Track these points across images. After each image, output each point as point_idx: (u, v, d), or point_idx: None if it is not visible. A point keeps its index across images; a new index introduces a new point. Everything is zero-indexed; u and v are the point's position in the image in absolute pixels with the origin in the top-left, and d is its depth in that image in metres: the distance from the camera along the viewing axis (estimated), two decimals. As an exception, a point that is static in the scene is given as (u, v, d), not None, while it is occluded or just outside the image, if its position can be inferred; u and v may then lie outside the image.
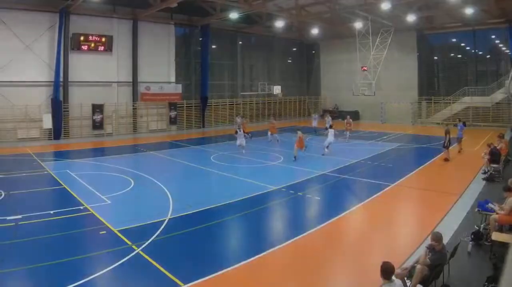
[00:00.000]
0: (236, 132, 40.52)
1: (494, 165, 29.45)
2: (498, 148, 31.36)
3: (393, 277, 10.99)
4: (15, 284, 14.44)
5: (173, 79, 64.01)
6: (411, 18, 56.75)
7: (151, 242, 17.61)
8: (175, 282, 14.06)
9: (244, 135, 42.00)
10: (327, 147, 39.38)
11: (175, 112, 63.60)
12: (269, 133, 48.45)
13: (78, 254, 16.43)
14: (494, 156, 29.74)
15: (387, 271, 10.81)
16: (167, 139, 51.59)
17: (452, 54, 72.84)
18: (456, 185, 27.85)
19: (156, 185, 27.95)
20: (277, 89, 70.97)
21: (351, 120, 51.87)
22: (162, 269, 15.03)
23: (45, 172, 32.28)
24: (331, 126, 41.64)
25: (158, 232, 18.83)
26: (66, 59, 52.23)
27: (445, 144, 36.52)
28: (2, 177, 28.40)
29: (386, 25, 60.89)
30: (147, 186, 27.90)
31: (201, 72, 67.26)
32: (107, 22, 56.39)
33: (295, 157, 36.75)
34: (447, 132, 35.99)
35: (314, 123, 57.93)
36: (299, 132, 38.41)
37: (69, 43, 52.63)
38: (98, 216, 21.09)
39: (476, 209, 19.01)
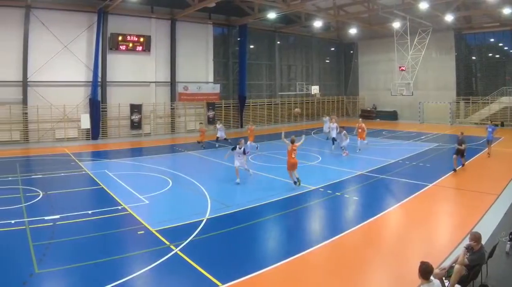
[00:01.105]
0: (234, 148, 28.96)
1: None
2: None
3: (432, 277, 10.66)
4: (54, 284, 14.33)
5: (211, 79, 63.90)
6: (449, 18, 56.29)
7: (189, 242, 17.50)
8: (214, 282, 13.87)
9: (247, 149, 36.07)
10: (344, 148, 39.10)
11: (213, 112, 63.42)
12: (248, 142, 41.23)
13: (116, 254, 16.39)
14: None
15: (426, 271, 10.51)
16: (206, 139, 51.37)
17: (490, 54, 71.24)
18: (495, 185, 27.14)
19: (194, 184, 27.65)
20: (315, 89, 70.85)
21: (364, 125, 42.20)
22: (200, 269, 14.86)
23: (83, 172, 32.24)
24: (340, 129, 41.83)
25: (196, 232, 18.70)
26: (104, 59, 52.46)
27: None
28: (40, 176, 28.36)
29: (424, 25, 60.00)
30: (185, 186, 27.69)
31: (239, 72, 67.16)
32: (145, 22, 56.46)
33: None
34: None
35: (326, 128, 50.22)
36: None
37: (107, 43, 52.86)
38: (136, 216, 21.06)
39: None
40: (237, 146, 28.48)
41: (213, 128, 51.06)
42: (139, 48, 55.50)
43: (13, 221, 19.71)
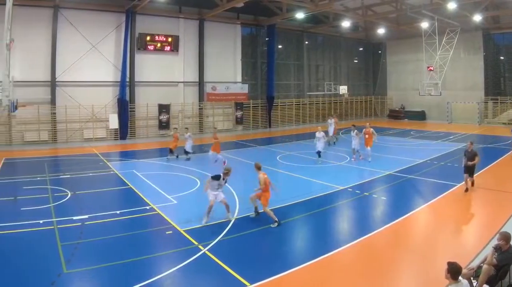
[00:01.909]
0: (218, 178, 21.51)
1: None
2: None
3: (460, 278, 10.51)
4: (82, 284, 14.33)
5: (239, 79, 63.94)
6: (477, 18, 55.78)
7: (217, 242, 17.48)
8: (242, 282, 13.84)
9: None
10: (358, 151, 37.28)
11: (241, 112, 63.47)
12: (210, 152, 36.49)
13: (144, 254, 16.36)
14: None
15: (455, 271, 10.42)
16: (233, 139, 51.23)
17: (519, 54, 70.49)
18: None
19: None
20: (343, 89, 70.78)
21: (371, 130, 36.87)
22: (228, 269, 14.83)
23: (111, 172, 32.23)
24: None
25: (224, 232, 18.72)
26: (132, 59, 52.62)
27: None
28: (69, 176, 28.36)
29: (452, 25, 59.45)
30: (212, 187, 27.34)
31: (267, 72, 67.02)
32: (173, 22, 56.54)
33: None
34: None
35: (331, 131, 46.41)
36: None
37: (135, 43, 53.03)
38: (164, 216, 21.11)
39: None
40: (222, 175, 21.37)
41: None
42: (167, 48, 55.54)
43: (41, 221, 19.71)
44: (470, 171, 25.58)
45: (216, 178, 21.04)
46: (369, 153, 35.85)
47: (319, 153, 35.60)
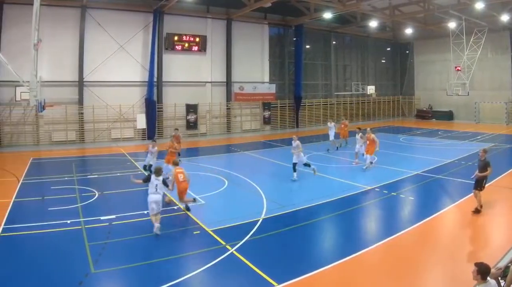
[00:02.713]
0: (148, 179, 19.79)
1: None
2: None
3: (488, 278, 10.23)
4: (109, 284, 14.49)
5: (267, 79, 63.72)
6: (504, 18, 55.17)
7: (245, 242, 17.47)
8: (269, 282, 13.84)
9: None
10: (363, 155, 34.81)
11: (269, 112, 63.34)
12: (164, 164, 29.20)
13: (172, 254, 16.44)
14: None
15: (484, 271, 10.18)
16: (260, 139, 51.27)
17: (547, 54, 69.66)
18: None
19: (250, 185, 27.44)
20: (370, 89, 70.81)
21: (373, 136, 32.90)
22: (256, 269, 14.84)
23: (139, 172, 32.05)
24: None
25: (252, 232, 18.67)
26: (160, 59, 52.66)
27: None
28: (96, 176, 28.34)
29: (479, 24, 59.07)
30: (240, 186, 27.56)
31: (294, 72, 66.80)
32: (201, 22, 56.49)
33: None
34: None
35: (331, 135, 42.67)
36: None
37: (163, 43, 53.06)
38: (192, 216, 21.13)
39: None
40: (152, 175, 19.61)
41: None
42: (195, 48, 55.46)
43: (69, 221, 19.78)
44: (478, 184, 21.63)
45: (147, 180, 19.66)
46: (367, 160, 32.83)
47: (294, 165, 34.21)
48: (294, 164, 29.42)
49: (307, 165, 29.82)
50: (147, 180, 19.57)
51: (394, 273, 14.89)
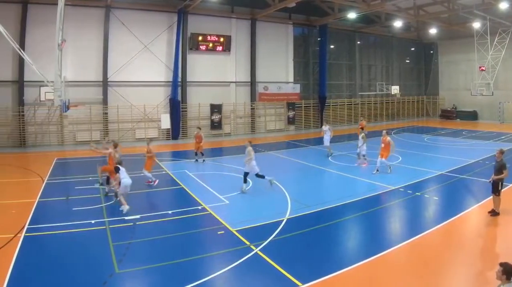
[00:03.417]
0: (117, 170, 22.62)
1: None
2: None
3: None
4: (133, 284, 14.59)
5: (291, 79, 63.65)
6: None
7: (269, 242, 17.51)
8: (294, 282, 13.86)
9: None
10: (364, 156, 34.32)
11: (293, 112, 63.29)
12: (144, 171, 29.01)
13: (196, 254, 16.47)
14: None
15: (509, 271, 10.21)
16: (285, 139, 51.34)
17: None
18: None
19: (274, 184, 27.36)
20: (395, 89, 70.78)
21: (388, 139, 31.58)
22: (280, 269, 14.88)
23: (163, 172, 32.29)
24: None
25: (276, 232, 18.68)
26: (184, 59, 52.77)
27: None
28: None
29: (504, 24, 58.71)
30: (265, 186, 27.35)
31: (319, 72, 66.61)
32: (225, 22, 56.60)
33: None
34: None
35: (326, 139, 39.65)
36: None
37: (187, 43, 53.08)
38: (216, 216, 21.14)
39: None
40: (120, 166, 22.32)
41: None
42: (219, 48, 55.56)
43: (93, 221, 19.90)
44: (495, 187, 21.07)
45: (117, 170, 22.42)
46: (382, 164, 31.23)
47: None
48: (245, 174, 26.81)
49: (260, 176, 26.78)
50: (117, 170, 22.21)
51: (418, 273, 14.85)
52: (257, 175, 26.69)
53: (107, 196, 24.68)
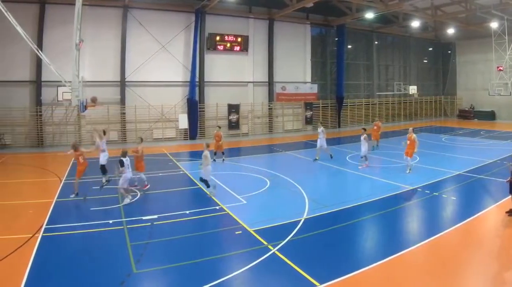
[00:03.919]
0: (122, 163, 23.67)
1: None
2: None
3: None
4: (151, 284, 14.57)
5: (308, 79, 63.45)
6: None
7: (287, 242, 17.41)
8: (312, 282, 13.75)
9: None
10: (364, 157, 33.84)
11: (311, 112, 63.25)
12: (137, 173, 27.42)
13: (213, 254, 16.41)
14: None
15: None
16: (302, 139, 51.24)
17: None
18: None
19: (292, 184, 27.40)
20: (412, 89, 70.55)
21: (414, 135, 31.48)
22: (298, 269, 14.78)
23: (181, 172, 32.30)
24: None
25: (294, 232, 18.58)
26: (202, 59, 52.86)
27: None
28: (139, 177, 28.22)
29: (522, 25, 58.53)
30: (282, 186, 27.39)
31: (336, 72, 66.55)
32: (243, 22, 56.65)
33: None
34: None
35: (320, 143, 36.90)
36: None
37: (205, 43, 53.17)
38: (234, 216, 21.06)
39: None
40: (124, 159, 23.63)
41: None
42: (237, 48, 55.61)
43: (111, 221, 19.93)
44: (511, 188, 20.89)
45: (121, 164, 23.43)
46: (409, 162, 31.24)
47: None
48: (201, 179, 25.63)
49: (204, 181, 25.28)
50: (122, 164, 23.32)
51: (436, 273, 14.70)
52: (202, 179, 25.45)
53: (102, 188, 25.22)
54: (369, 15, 55.68)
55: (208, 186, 25.21)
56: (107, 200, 23.83)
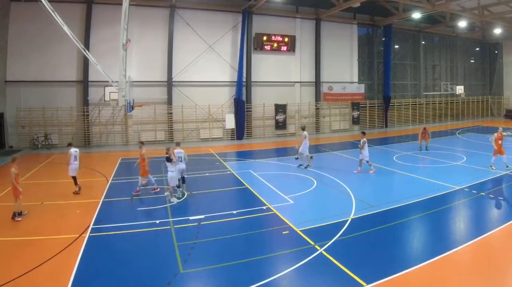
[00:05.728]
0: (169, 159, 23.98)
1: None
2: None
3: None
4: (198, 284, 14.52)
5: (355, 79, 63.10)
6: None
7: (333, 242, 17.34)
8: (358, 282, 13.70)
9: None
10: (368, 162, 32.18)
11: (358, 112, 62.94)
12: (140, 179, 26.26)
13: (260, 254, 16.40)
14: None
15: None
16: (349, 139, 50.92)
17: None
18: None
19: (339, 184, 27.28)
20: (459, 89, 70.13)
21: (496, 136, 32.00)
22: (345, 269, 14.72)
23: (228, 172, 32.23)
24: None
25: (341, 232, 18.50)
26: (249, 59, 52.91)
27: None
28: (185, 176, 28.19)
29: None
30: (329, 186, 27.26)
31: (383, 72, 66.14)
32: (289, 22, 56.48)
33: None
34: None
35: (303, 149, 34.21)
36: None
37: (252, 43, 53.18)
38: (281, 216, 20.96)
39: None
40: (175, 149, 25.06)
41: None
42: (284, 48, 55.52)
43: (158, 221, 20.02)
44: None
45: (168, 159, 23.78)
46: (504, 160, 31.46)
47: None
48: (181, 179, 25.74)
49: (183, 180, 25.77)
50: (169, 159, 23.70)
51: (483, 272, 14.48)
52: (182, 178, 25.73)
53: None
54: (416, 15, 55.21)
55: (180, 185, 25.60)
56: (154, 200, 23.99)
